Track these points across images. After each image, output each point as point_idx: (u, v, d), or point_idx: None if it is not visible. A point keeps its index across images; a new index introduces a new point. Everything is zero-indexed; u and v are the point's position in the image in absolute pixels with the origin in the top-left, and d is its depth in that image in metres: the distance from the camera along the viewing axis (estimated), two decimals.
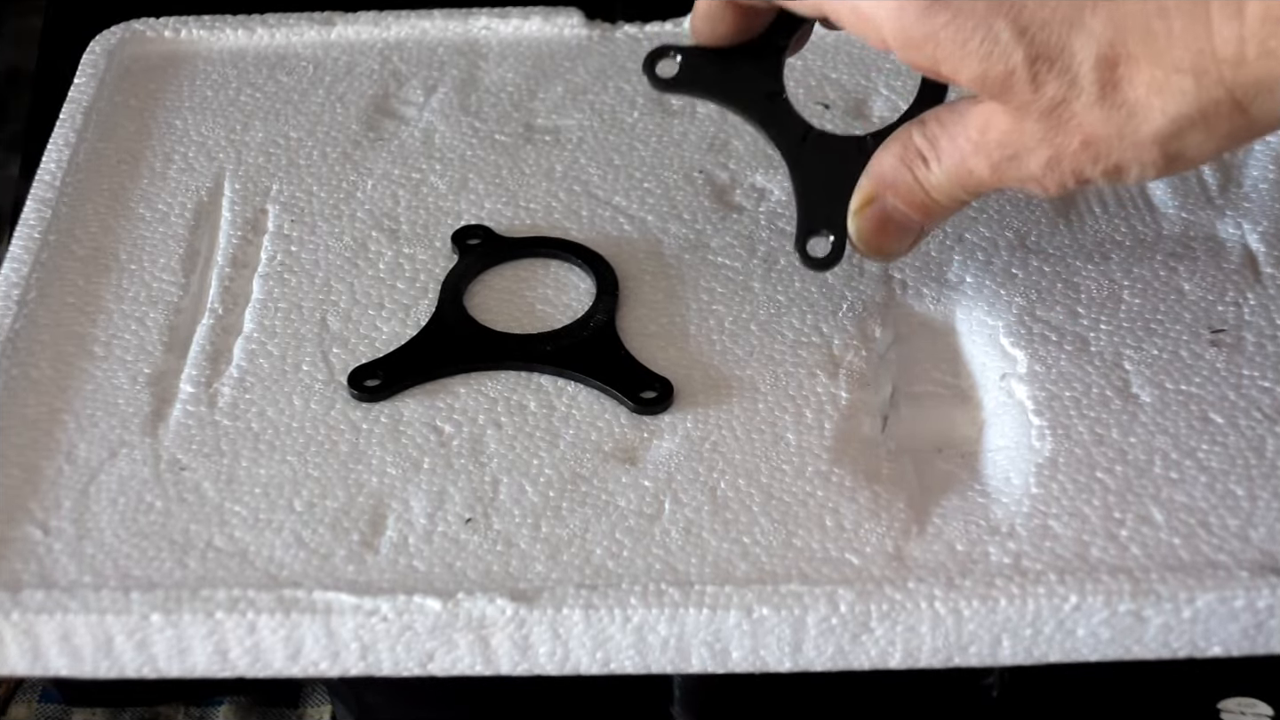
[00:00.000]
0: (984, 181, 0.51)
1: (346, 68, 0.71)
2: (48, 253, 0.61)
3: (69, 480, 0.53)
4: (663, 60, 0.56)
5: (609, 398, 0.55)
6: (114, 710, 0.77)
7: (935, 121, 0.52)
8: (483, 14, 0.72)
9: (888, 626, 0.48)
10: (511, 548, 0.50)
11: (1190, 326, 0.57)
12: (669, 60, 0.56)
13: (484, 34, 0.72)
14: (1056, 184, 0.49)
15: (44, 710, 0.77)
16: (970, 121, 0.50)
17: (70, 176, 0.64)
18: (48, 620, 0.49)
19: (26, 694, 0.77)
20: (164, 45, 0.72)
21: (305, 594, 0.49)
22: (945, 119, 0.51)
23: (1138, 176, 0.48)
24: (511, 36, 0.72)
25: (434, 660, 0.49)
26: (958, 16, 0.47)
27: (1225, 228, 0.61)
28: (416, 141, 0.67)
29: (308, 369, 0.57)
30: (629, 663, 0.49)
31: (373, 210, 0.63)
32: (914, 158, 0.52)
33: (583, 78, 0.70)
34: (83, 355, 0.57)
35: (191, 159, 0.66)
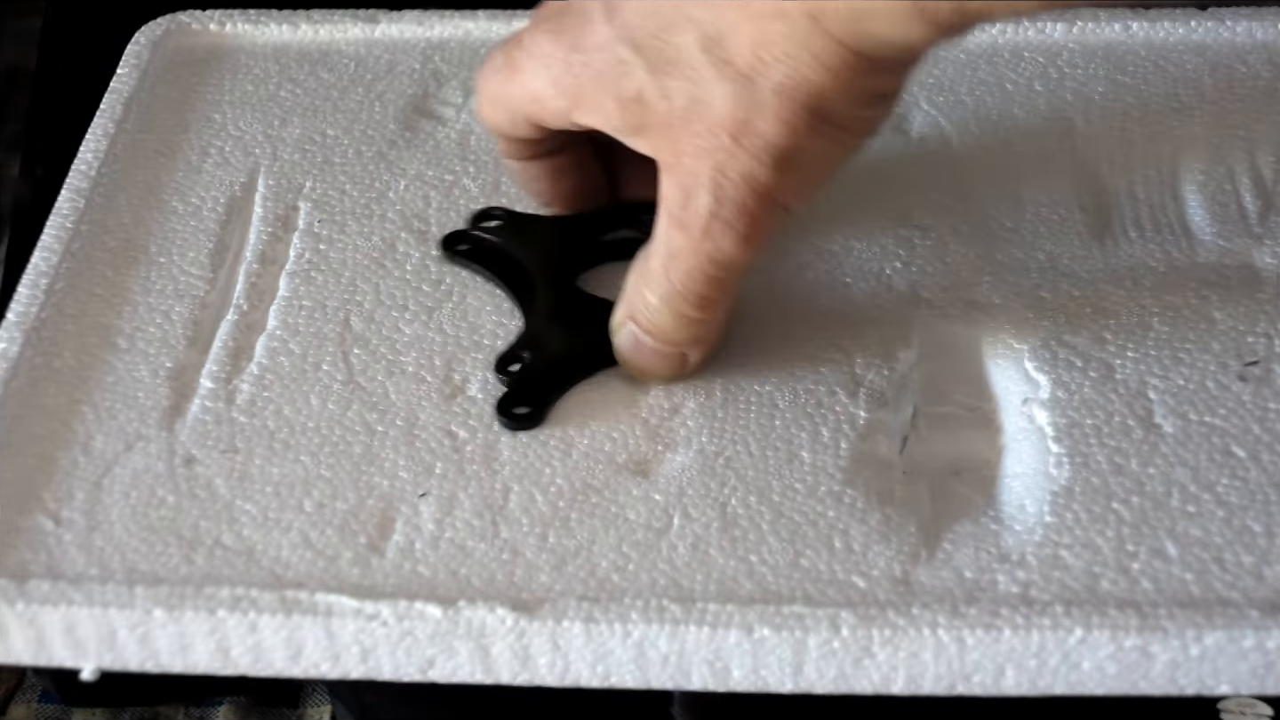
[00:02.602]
0: (692, 248, 0.51)
1: (388, 66, 0.71)
2: (79, 243, 0.61)
3: (83, 472, 0.53)
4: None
5: (624, 408, 0.55)
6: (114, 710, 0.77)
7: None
8: (526, 16, 0.72)
9: (890, 652, 0.48)
10: (517, 557, 0.50)
11: (1219, 357, 0.56)
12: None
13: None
14: (744, 193, 0.49)
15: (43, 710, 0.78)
16: (660, 211, 0.51)
17: (106, 167, 0.65)
18: (52, 611, 0.49)
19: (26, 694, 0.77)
20: (208, 38, 0.72)
21: (307, 595, 0.49)
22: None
23: (794, 142, 0.48)
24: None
25: (434, 667, 0.49)
26: (591, 53, 0.49)
27: (1262, 257, 0.60)
28: (452, 143, 0.67)
29: (328, 369, 0.57)
30: (629, 677, 0.49)
31: (403, 211, 0.63)
32: (640, 277, 0.53)
33: None
34: (106, 347, 0.58)
35: (228, 153, 0.66)
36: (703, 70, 0.47)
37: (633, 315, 0.54)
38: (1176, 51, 0.69)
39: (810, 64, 0.46)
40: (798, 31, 0.46)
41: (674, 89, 0.48)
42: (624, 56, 0.49)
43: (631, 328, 0.54)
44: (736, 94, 0.47)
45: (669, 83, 0.48)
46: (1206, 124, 0.66)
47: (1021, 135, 0.66)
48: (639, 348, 0.54)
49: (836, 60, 0.46)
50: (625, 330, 0.54)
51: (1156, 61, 0.69)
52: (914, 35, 0.46)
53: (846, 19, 0.45)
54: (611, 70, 0.50)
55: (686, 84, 0.48)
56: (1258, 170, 0.63)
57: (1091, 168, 0.64)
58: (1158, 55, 0.69)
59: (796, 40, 0.46)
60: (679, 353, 0.54)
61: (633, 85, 0.49)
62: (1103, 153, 0.65)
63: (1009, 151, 0.65)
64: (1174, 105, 0.67)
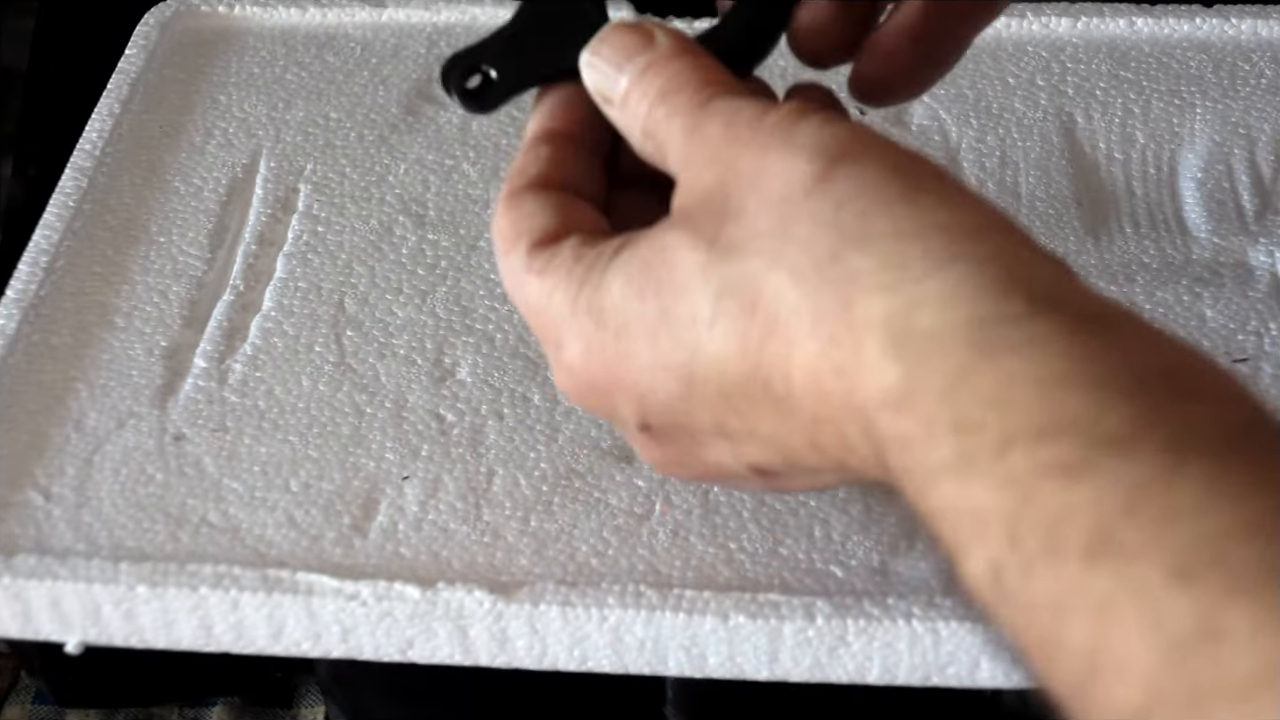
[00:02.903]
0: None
1: (393, 50, 0.71)
2: (80, 221, 0.62)
3: (75, 448, 0.54)
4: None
5: None
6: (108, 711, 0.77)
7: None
8: None
9: (864, 641, 0.48)
10: (498, 540, 0.51)
11: (1208, 354, 0.56)
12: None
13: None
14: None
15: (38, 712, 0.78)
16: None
17: (111, 147, 0.65)
18: (38, 585, 0.50)
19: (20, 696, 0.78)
20: (216, 20, 0.73)
21: (289, 574, 0.49)
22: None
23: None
24: None
25: (413, 647, 0.50)
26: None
27: (1257, 255, 0.60)
28: (454, 128, 0.67)
29: (320, 350, 0.57)
30: (605, 662, 0.49)
31: (402, 195, 0.64)
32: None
33: None
34: (103, 325, 0.58)
35: (231, 135, 0.67)
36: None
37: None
38: (1180, 48, 0.69)
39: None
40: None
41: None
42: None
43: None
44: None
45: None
46: (1208, 121, 0.66)
47: (1022, 129, 0.66)
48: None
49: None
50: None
51: (1160, 58, 0.69)
52: None
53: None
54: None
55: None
56: (1257, 168, 0.63)
57: (1091, 163, 0.64)
58: (1161, 51, 0.69)
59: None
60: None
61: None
62: (1103, 148, 0.65)
63: (1008, 145, 0.65)
64: (1176, 102, 0.67)
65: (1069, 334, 0.33)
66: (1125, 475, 0.30)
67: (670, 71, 0.43)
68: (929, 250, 0.35)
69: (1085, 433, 0.31)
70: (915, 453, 0.34)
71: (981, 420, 0.33)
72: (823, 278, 0.36)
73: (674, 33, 0.44)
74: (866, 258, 0.36)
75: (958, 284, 0.34)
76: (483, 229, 0.62)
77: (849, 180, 0.37)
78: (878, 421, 0.35)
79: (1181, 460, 0.30)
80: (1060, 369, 0.32)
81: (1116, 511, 0.30)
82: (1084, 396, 0.32)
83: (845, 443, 0.37)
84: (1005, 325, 0.34)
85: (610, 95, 0.44)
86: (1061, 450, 0.31)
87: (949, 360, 0.34)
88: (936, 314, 0.34)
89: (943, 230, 0.36)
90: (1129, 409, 0.31)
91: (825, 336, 0.36)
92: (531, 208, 0.44)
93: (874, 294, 0.35)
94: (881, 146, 0.39)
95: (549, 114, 0.46)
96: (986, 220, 0.37)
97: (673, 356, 0.40)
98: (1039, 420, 0.32)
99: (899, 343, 0.35)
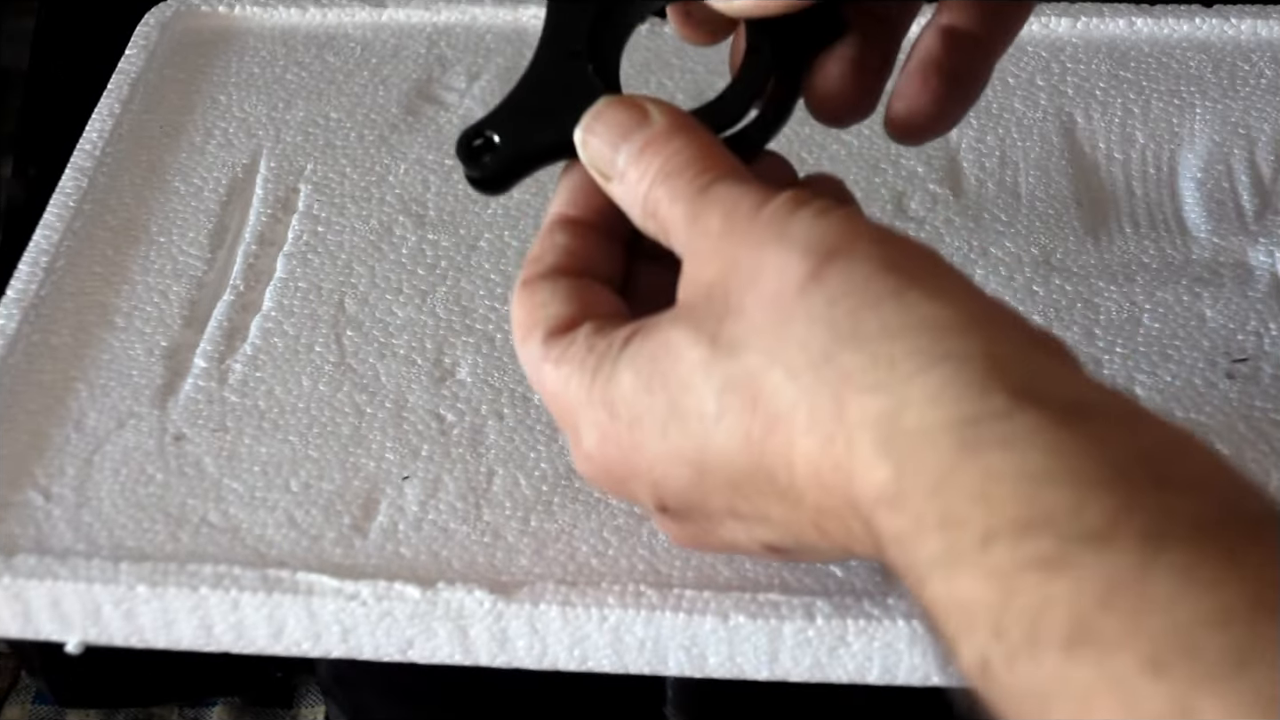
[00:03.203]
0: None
1: (394, 50, 0.71)
2: (80, 221, 0.62)
3: (75, 448, 0.54)
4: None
5: None
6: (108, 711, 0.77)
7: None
8: (533, 3, 0.73)
9: (865, 641, 0.48)
10: (499, 540, 0.51)
11: (1207, 354, 0.56)
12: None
13: (533, 23, 0.72)
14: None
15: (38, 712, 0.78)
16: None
17: (111, 147, 0.65)
18: (38, 585, 0.50)
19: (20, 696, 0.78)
20: (217, 20, 0.73)
21: (289, 574, 0.49)
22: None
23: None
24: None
25: (414, 647, 0.50)
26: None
27: (1256, 255, 0.60)
28: (454, 128, 0.67)
29: (320, 350, 0.57)
30: (606, 662, 0.49)
31: (402, 195, 0.64)
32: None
33: (625, 71, 0.70)
34: (103, 325, 0.58)
35: (231, 135, 0.67)
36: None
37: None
38: (1180, 48, 0.69)
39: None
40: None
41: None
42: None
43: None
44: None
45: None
46: (1208, 121, 0.66)
47: (1022, 129, 0.66)
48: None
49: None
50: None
51: (1159, 58, 0.69)
52: None
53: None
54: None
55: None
56: (1257, 169, 0.63)
57: (1091, 163, 0.64)
58: (1161, 51, 0.69)
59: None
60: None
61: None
62: (1102, 148, 0.65)
63: (1008, 145, 0.65)
64: (1176, 102, 0.67)
65: (1050, 429, 0.34)
66: (1102, 567, 0.31)
67: (668, 151, 0.44)
68: (917, 348, 0.36)
69: (1064, 527, 0.32)
70: (908, 548, 0.35)
71: (966, 516, 0.33)
72: (817, 376, 0.37)
73: (669, 108, 0.45)
74: (857, 356, 0.37)
75: (943, 383, 0.35)
76: (483, 229, 0.62)
77: (840, 277, 0.38)
78: (875, 517, 0.36)
79: (1158, 550, 0.31)
80: (1041, 464, 0.33)
81: (1094, 603, 0.31)
82: (1063, 491, 0.33)
83: (849, 532, 0.38)
84: (988, 423, 0.34)
85: (608, 172, 0.45)
86: (1042, 544, 0.32)
87: (936, 458, 0.35)
88: (923, 413, 0.35)
89: (930, 328, 0.37)
90: (1107, 500, 0.32)
91: (822, 434, 0.37)
92: (545, 296, 0.45)
93: (865, 394, 0.36)
94: (873, 241, 0.39)
95: (566, 200, 0.47)
96: (974, 313, 0.38)
97: (684, 448, 0.41)
98: (1020, 515, 0.33)
99: (889, 442, 0.36)
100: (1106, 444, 0.34)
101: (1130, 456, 0.33)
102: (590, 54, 0.48)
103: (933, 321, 0.37)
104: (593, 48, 0.48)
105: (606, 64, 0.48)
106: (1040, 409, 0.34)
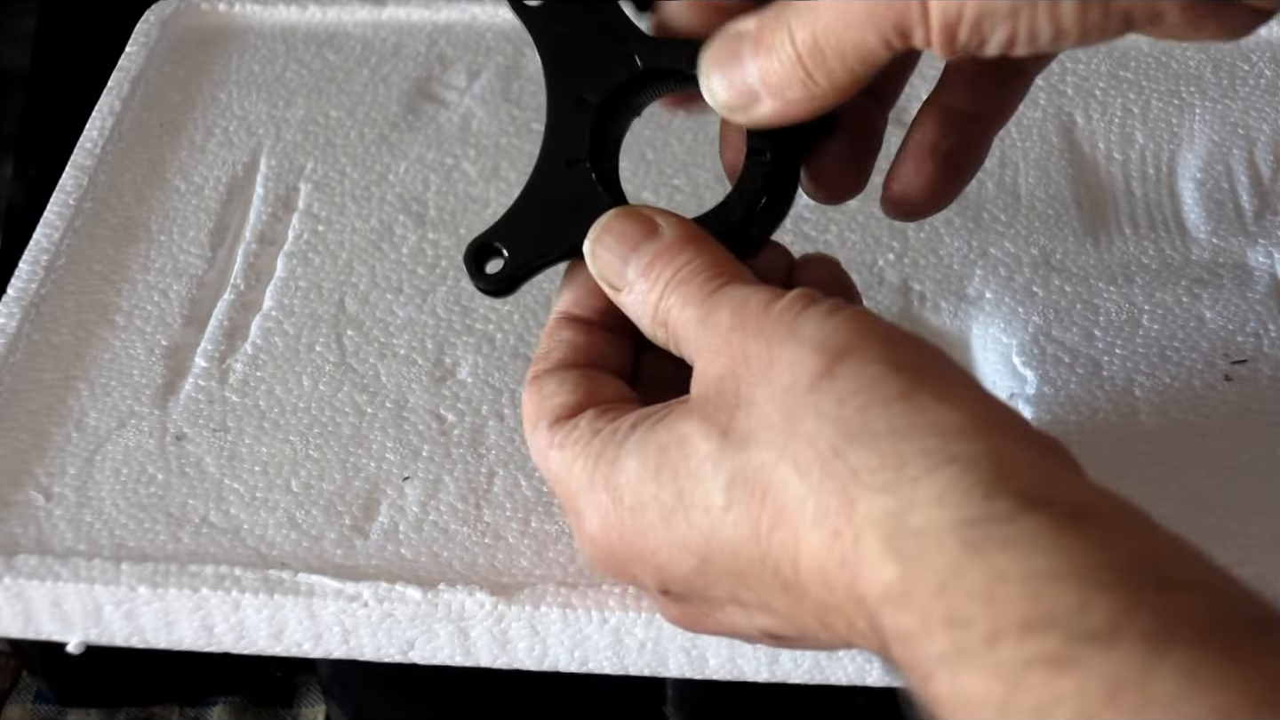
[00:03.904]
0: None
1: (394, 49, 0.71)
2: (81, 220, 0.62)
3: (76, 447, 0.54)
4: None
5: None
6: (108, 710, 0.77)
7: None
8: None
9: None
10: (499, 541, 0.51)
11: (1206, 356, 0.56)
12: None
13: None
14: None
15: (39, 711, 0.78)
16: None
17: (111, 145, 0.65)
18: (39, 586, 0.50)
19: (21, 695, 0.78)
20: (217, 18, 0.73)
21: (290, 575, 0.49)
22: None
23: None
24: None
25: (414, 648, 0.50)
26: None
27: (1255, 256, 0.60)
28: (454, 126, 0.67)
29: (320, 350, 0.57)
30: (606, 663, 0.49)
31: (402, 194, 0.64)
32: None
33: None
34: (104, 324, 0.58)
35: (231, 133, 0.67)
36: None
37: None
38: (1180, 48, 0.69)
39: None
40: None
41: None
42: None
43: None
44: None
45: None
46: (1207, 121, 0.66)
47: (1021, 129, 0.66)
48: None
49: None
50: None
51: (1159, 58, 0.69)
52: None
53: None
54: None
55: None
56: (1256, 169, 0.63)
57: (1090, 163, 0.64)
58: (1160, 51, 0.69)
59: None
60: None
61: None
62: (1102, 148, 0.65)
63: (1008, 145, 0.65)
64: (1175, 102, 0.67)
65: (1054, 531, 0.34)
66: (1106, 667, 0.32)
67: (678, 263, 0.45)
68: (925, 450, 0.37)
69: (1069, 626, 0.33)
70: (914, 646, 0.36)
71: (972, 615, 0.34)
72: (825, 472, 0.38)
73: (677, 220, 0.46)
74: (866, 455, 0.37)
75: (949, 485, 0.36)
76: (483, 228, 0.62)
77: (850, 377, 0.39)
78: (880, 615, 0.37)
79: (1161, 650, 0.32)
80: (1045, 565, 0.34)
81: (1100, 701, 0.32)
82: (1068, 591, 0.33)
83: (852, 628, 0.39)
84: (994, 525, 0.35)
85: (617, 284, 0.46)
86: (1047, 644, 0.33)
87: (942, 559, 0.35)
88: (930, 514, 0.36)
89: (938, 430, 0.37)
90: (1111, 601, 0.33)
91: (829, 530, 0.38)
92: (552, 388, 0.46)
93: (873, 493, 0.37)
94: (882, 342, 0.40)
95: (571, 301, 0.48)
96: (981, 415, 0.38)
97: (689, 537, 0.41)
98: (1026, 615, 0.33)
99: (896, 541, 0.36)
100: (1110, 546, 0.34)
101: (1133, 558, 0.34)
102: (591, 158, 0.48)
103: (941, 423, 0.37)
104: (593, 152, 0.48)
105: (607, 167, 0.49)
106: (1045, 512, 0.35)
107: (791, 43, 0.44)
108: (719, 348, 0.42)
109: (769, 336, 0.41)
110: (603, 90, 0.48)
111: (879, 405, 0.38)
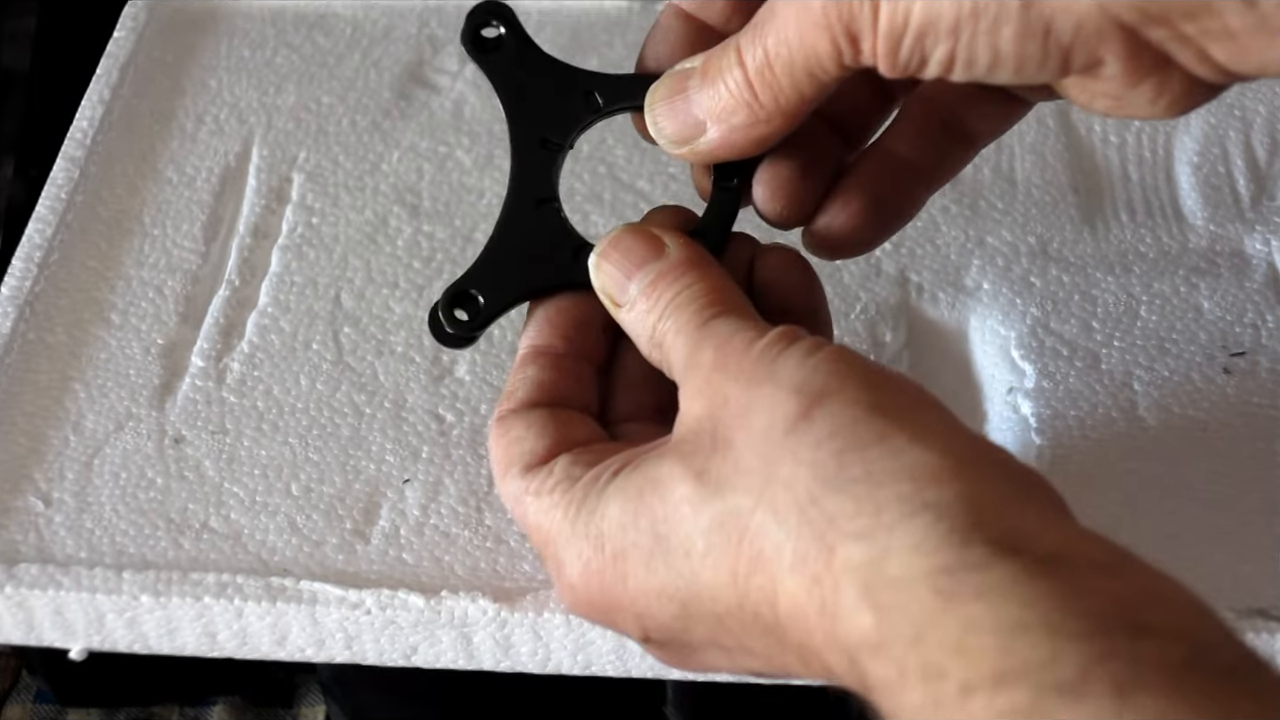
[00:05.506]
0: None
1: (384, 31, 0.71)
2: (73, 214, 0.62)
3: (74, 451, 0.54)
4: (486, 26, 0.51)
5: None
6: (109, 710, 0.77)
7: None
8: None
9: None
10: (500, 545, 0.51)
11: (1205, 348, 0.56)
12: (492, 28, 0.51)
13: (525, 2, 0.72)
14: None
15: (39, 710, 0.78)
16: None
17: (102, 135, 0.65)
18: (41, 595, 0.50)
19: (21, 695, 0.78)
20: (205, 1, 0.72)
21: (292, 583, 0.49)
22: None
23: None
24: (552, 6, 0.72)
25: (418, 654, 0.50)
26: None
27: (1253, 243, 0.60)
28: (446, 113, 0.67)
29: (317, 348, 0.57)
30: (609, 667, 0.50)
31: (396, 184, 0.63)
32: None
33: (619, 52, 0.69)
34: (99, 322, 0.58)
35: (223, 121, 0.66)
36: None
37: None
38: None
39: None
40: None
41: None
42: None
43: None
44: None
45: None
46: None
47: None
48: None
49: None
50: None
51: None
52: None
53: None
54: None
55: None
56: (1252, 151, 0.63)
57: (1086, 147, 0.64)
58: None
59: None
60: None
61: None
62: (1098, 133, 0.65)
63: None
64: None
65: (1027, 580, 0.34)
66: (1076, 718, 0.32)
67: (679, 286, 0.44)
68: (900, 495, 0.37)
69: (1039, 678, 0.33)
70: (893, 695, 0.36)
71: (946, 668, 0.34)
72: (803, 518, 0.38)
73: (685, 242, 0.46)
74: (843, 502, 0.37)
75: (925, 533, 0.36)
76: (478, 220, 0.62)
77: (828, 420, 0.39)
78: (859, 660, 0.37)
79: (1129, 699, 0.32)
80: (1016, 616, 0.34)
81: None
82: (1038, 642, 0.33)
83: (832, 672, 0.39)
84: (967, 573, 0.35)
85: (618, 299, 0.46)
86: (1016, 696, 0.33)
87: (917, 608, 0.35)
88: (906, 562, 0.36)
89: (913, 476, 0.37)
90: (1081, 651, 0.33)
91: (809, 576, 0.38)
92: (519, 432, 0.45)
93: (851, 540, 0.37)
94: (860, 385, 0.40)
95: (535, 331, 0.48)
96: (960, 456, 0.38)
97: (668, 583, 0.41)
98: (997, 667, 0.33)
99: (872, 590, 0.36)
100: (1083, 594, 0.34)
101: (1106, 604, 0.34)
102: (559, 197, 0.49)
103: (917, 468, 0.37)
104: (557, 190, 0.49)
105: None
106: (1018, 559, 0.35)
107: (740, 65, 0.44)
108: (700, 388, 0.42)
109: (748, 378, 0.41)
110: (566, 132, 0.49)
111: (855, 450, 0.38)
